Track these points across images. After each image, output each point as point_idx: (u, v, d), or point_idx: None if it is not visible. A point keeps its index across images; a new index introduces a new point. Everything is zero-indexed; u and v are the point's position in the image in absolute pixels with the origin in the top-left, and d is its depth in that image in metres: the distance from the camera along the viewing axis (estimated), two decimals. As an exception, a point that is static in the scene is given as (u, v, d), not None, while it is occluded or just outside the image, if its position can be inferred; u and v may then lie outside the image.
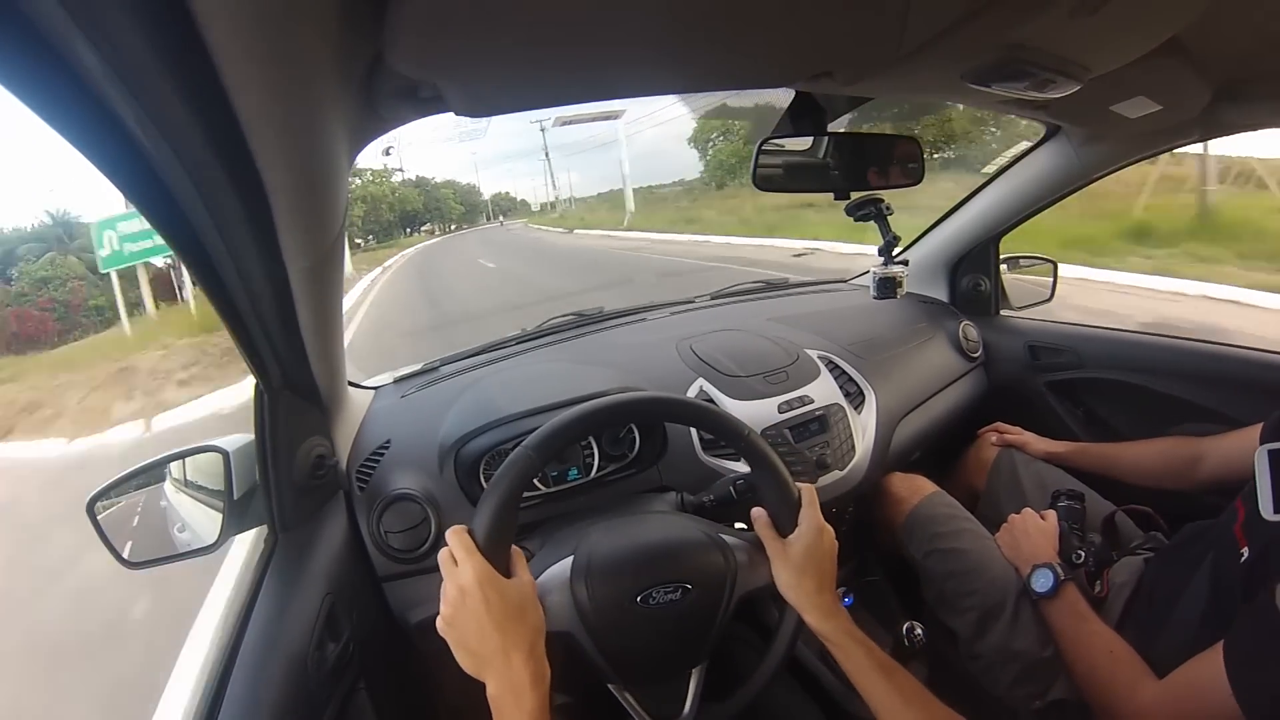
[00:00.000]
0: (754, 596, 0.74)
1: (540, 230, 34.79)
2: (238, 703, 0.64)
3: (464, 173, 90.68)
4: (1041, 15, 0.59)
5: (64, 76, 0.33)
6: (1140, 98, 0.92)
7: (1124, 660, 0.82)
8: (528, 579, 0.65)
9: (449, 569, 0.62)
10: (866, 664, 0.68)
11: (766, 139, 0.93)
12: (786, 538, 0.73)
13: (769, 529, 0.75)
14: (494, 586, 0.60)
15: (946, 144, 12.88)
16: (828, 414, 1.15)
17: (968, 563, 1.07)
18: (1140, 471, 1.17)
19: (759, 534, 0.76)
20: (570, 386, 1.05)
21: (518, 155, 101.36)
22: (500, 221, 63.62)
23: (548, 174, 61.06)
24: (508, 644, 0.59)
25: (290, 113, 0.44)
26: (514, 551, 0.66)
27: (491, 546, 0.63)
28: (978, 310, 1.63)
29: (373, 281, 16.11)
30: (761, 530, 0.75)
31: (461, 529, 0.64)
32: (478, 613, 0.59)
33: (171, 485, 0.88)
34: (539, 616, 0.63)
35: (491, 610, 0.59)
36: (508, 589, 0.61)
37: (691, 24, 0.54)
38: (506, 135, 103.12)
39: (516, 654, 0.59)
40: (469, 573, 0.60)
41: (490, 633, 0.59)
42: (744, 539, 0.77)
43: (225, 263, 0.52)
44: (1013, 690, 0.95)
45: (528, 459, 0.66)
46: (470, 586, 0.60)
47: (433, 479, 0.96)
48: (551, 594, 0.70)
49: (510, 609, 0.60)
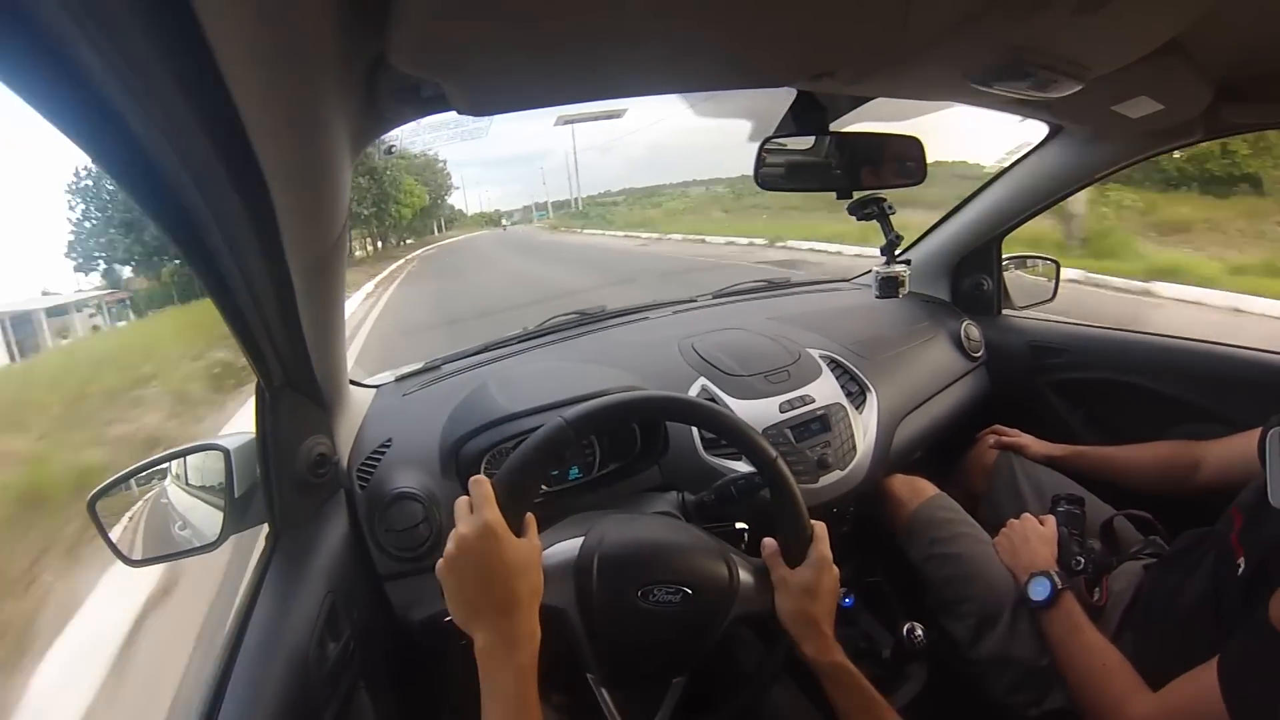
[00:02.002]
0: (749, 619, 0.74)
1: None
2: (238, 701, 0.64)
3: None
4: (1043, 15, 0.59)
5: (66, 74, 0.33)
6: (1142, 97, 0.91)
7: (1118, 673, 0.82)
8: (536, 543, 0.66)
9: (463, 514, 0.62)
10: (859, 701, 0.70)
11: (769, 138, 0.93)
12: (793, 569, 0.74)
13: (777, 558, 0.76)
14: (503, 539, 0.61)
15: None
16: (829, 413, 1.15)
17: (965, 568, 1.06)
18: (1139, 476, 1.17)
19: (766, 561, 0.77)
20: (572, 385, 1.05)
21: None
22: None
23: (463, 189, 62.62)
24: (505, 597, 0.59)
25: (292, 111, 0.44)
26: (528, 517, 0.66)
27: (509, 503, 0.63)
28: (980, 310, 1.63)
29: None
30: (770, 558, 0.76)
31: (484, 479, 0.64)
32: (481, 562, 0.60)
33: (173, 483, 0.89)
34: (539, 580, 0.64)
35: (493, 562, 0.60)
36: (516, 545, 0.62)
37: (694, 23, 0.54)
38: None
39: (511, 609, 0.59)
40: (481, 520, 0.60)
41: (489, 583, 0.59)
42: (751, 563, 0.78)
43: (227, 260, 0.52)
44: (1010, 697, 0.95)
45: (562, 429, 0.67)
46: (480, 534, 0.60)
47: (434, 478, 0.96)
48: (556, 568, 0.70)
49: (514, 565, 0.61)
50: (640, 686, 0.74)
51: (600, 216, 37.95)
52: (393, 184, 38.62)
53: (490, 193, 71.95)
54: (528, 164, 46.00)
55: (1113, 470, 1.20)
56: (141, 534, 0.88)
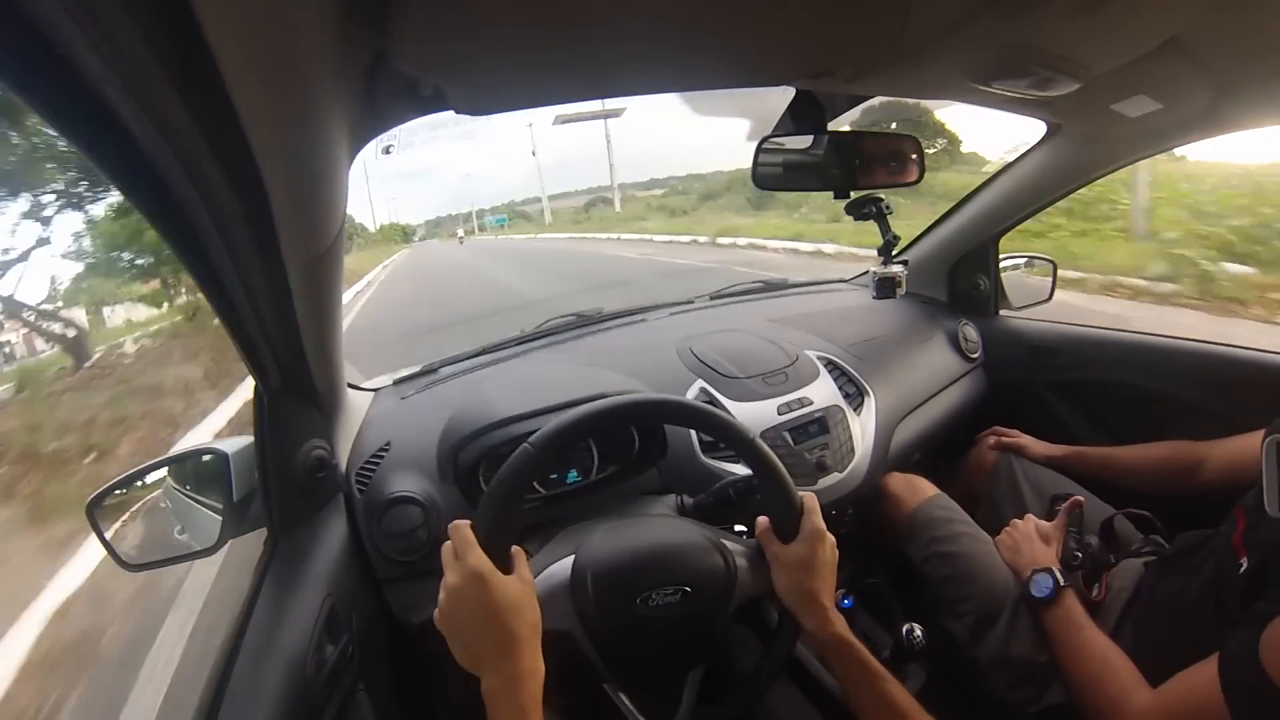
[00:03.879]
0: (753, 602, 0.74)
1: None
2: (237, 704, 0.64)
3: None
4: (1042, 14, 0.59)
5: (63, 74, 0.32)
6: (1140, 96, 0.92)
7: (1118, 669, 0.82)
8: (527, 577, 0.65)
9: (449, 562, 0.62)
10: (860, 673, 0.69)
11: (766, 137, 0.93)
12: (787, 544, 0.74)
13: (770, 535, 0.75)
14: (492, 582, 0.60)
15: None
16: (827, 415, 1.14)
17: (966, 567, 1.07)
18: (1140, 475, 1.17)
19: (760, 540, 0.76)
20: (570, 388, 1.05)
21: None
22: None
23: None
24: (503, 639, 0.59)
25: (290, 110, 0.44)
26: (515, 551, 0.66)
27: (493, 543, 0.63)
28: (977, 310, 1.63)
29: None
30: (763, 536, 0.76)
31: (464, 523, 0.64)
32: (474, 607, 0.59)
33: (171, 487, 0.88)
34: (536, 615, 0.63)
35: (488, 605, 0.59)
36: (506, 585, 0.61)
37: (692, 22, 0.54)
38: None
39: (512, 649, 0.59)
40: (468, 567, 0.60)
41: (486, 628, 0.59)
42: (745, 545, 0.77)
43: (224, 261, 0.52)
44: (1010, 694, 0.95)
45: (529, 457, 0.66)
46: (469, 580, 0.60)
47: (432, 481, 0.96)
48: (551, 592, 0.70)
49: (508, 605, 0.60)
50: (658, 685, 0.74)
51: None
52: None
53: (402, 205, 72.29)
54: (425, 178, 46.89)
55: (1113, 470, 1.20)
56: (140, 537, 0.87)
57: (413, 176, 42.02)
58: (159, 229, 0.46)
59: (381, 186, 61.33)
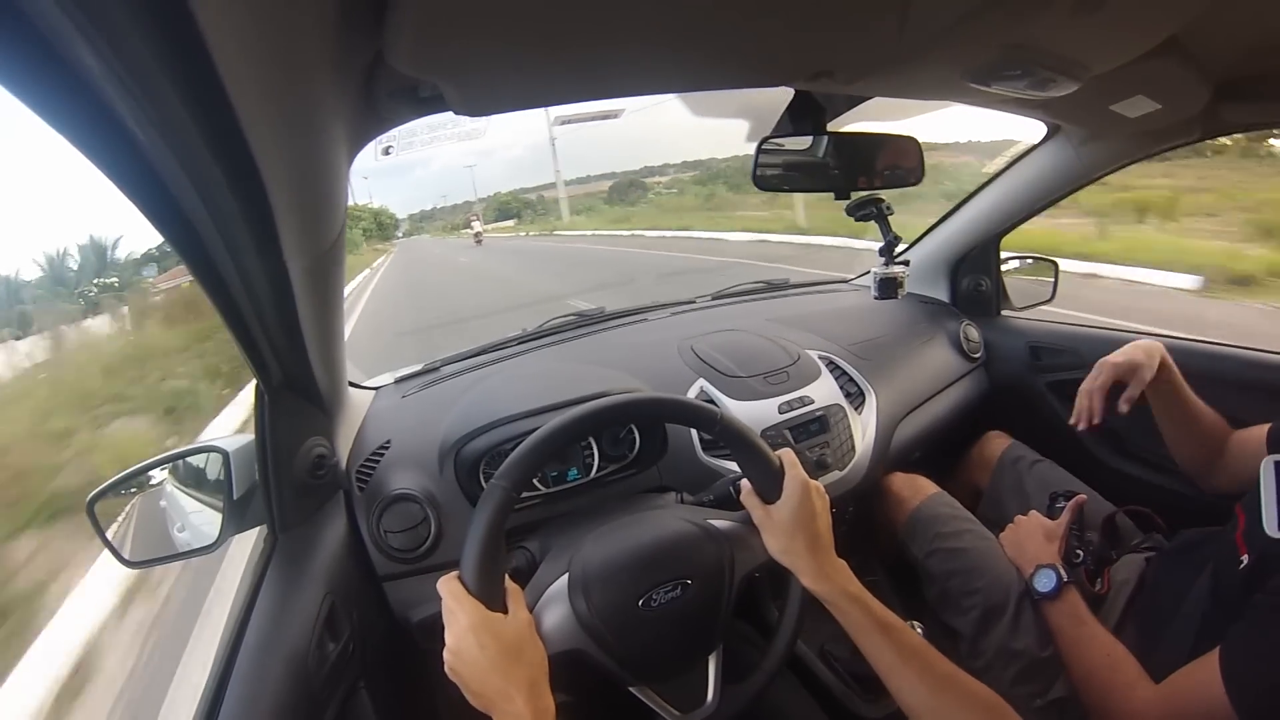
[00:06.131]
0: (753, 602, 0.74)
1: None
2: (238, 702, 0.64)
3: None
4: (1041, 14, 0.59)
5: (63, 75, 0.32)
6: (1140, 97, 0.91)
7: (1121, 663, 0.82)
8: (524, 615, 0.65)
9: (447, 616, 0.62)
10: (865, 622, 0.67)
11: (766, 138, 0.93)
12: (773, 504, 0.73)
13: (754, 498, 0.75)
14: (488, 630, 0.60)
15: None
16: (828, 414, 1.15)
17: (970, 562, 1.07)
18: (1193, 428, 1.05)
19: (746, 506, 0.76)
20: (571, 387, 1.05)
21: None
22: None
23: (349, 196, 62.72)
24: (508, 684, 0.59)
25: (290, 111, 0.44)
26: (510, 588, 0.65)
27: (481, 587, 0.62)
28: (978, 310, 1.63)
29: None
30: (749, 502, 0.75)
31: (450, 577, 0.63)
32: (475, 657, 0.59)
33: (171, 485, 0.88)
34: (539, 652, 0.63)
35: (488, 654, 0.59)
36: (503, 630, 0.61)
37: (691, 23, 0.54)
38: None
39: (517, 693, 0.58)
40: (464, 619, 0.60)
41: (489, 675, 0.59)
42: (734, 519, 0.77)
43: (225, 261, 0.52)
44: (1014, 688, 0.95)
45: (501, 491, 0.65)
46: (465, 633, 0.60)
47: (433, 479, 0.96)
48: (554, 614, 0.69)
49: (507, 650, 0.60)
50: (682, 674, 0.74)
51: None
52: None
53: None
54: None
55: (1186, 409, 1.06)
56: (140, 535, 0.87)
57: (396, 172, 41.52)
58: (160, 229, 0.46)
59: (361, 183, 60.65)
